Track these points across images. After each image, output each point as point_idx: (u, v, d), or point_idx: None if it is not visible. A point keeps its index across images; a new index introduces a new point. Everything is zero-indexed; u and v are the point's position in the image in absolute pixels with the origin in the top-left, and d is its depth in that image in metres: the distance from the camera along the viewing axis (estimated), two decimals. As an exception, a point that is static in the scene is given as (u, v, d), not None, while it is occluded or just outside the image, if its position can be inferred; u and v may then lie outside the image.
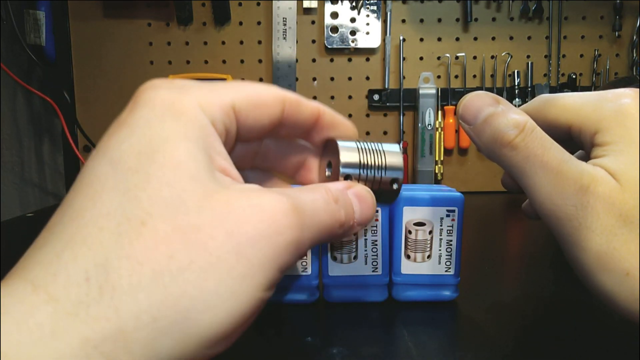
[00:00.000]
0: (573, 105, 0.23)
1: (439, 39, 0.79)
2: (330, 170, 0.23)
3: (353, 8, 0.76)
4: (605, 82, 0.79)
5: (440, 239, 0.30)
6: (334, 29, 0.77)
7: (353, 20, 0.77)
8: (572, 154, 0.22)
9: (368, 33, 0.77)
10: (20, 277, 0.14)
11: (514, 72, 0.78)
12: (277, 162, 0.24)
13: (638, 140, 0.21)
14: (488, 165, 0.80)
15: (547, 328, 0.28)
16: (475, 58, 0.79)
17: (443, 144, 0.78)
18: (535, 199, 0.22)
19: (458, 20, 0.79)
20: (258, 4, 0.77)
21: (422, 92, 0.76)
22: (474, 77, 0.80)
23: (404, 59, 0.79)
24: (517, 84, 0.78)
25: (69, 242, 0.15)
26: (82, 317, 0.14)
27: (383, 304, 0.31)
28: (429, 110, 0.76)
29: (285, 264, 0.17)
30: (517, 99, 0.78)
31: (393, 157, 0.23)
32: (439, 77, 0.79)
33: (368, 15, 0.77)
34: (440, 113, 0.77)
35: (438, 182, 0.79)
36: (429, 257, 0.30)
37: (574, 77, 0.78)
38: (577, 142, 0.24)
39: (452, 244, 0.30)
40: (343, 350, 0.25)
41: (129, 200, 0.15)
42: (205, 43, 0.77)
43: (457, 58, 0.79)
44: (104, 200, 0.15)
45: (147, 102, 0.17)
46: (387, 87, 0.78)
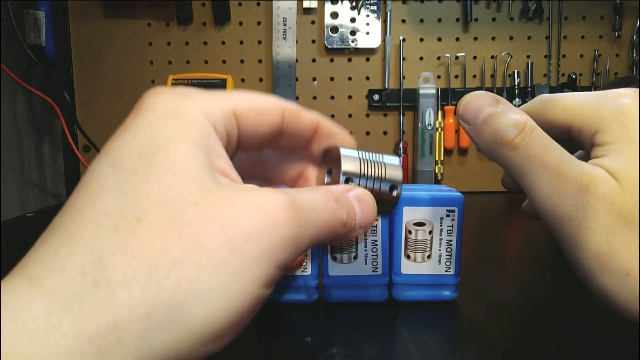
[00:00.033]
0: (573, 105, 0.23)
1: (439, 39, 0.79)
2: (330, 177, 0.24)
3: (353, 8, 0.76)
4: (605, 82, 0.79)
5: (440, 239, 0.30)
6: (334, 29, 0.77)
7: (353, 20, 0.77)
8: (572, 154, 0.22)
9: (368, 33, 0.77)
10: (19, 273, 0.15)
11: (514, 72, 0.78)
12: (276, 171, 0.25)
13: (638, 140, 0.21)
14: (488, 165, 0.80)
15: (547, 328, 0.28)
16: (475, 58, 0.79)
17: (443, 144, 0.78)
18: (535, 199, 0.22)
19: (458, 20, 0.79)
20: (258, 4, 0.77)
21: (422, 92, 0.76)
22: (474, 77, 0.80)
23: (404, 59, 0.79)
24: (517, 84, 0.78)
25: (67, 239, 0.15)
26: (76, 310, 0.14)
27: (383, 304, 0.31)
28: (429, 110, 0.76)
29: (283, 261, 0.17)
30: (517, 99, 0.78)
31: (393, 169, 0.24)
32: (439, 77, 0.79)
33: (368, 15, 0.77)
34: (440, 113, 0.77)
35: (438, 182, 0.79)
36: (429, 257, 0.30)
37: (574, 77, 0.78)
38: (577, 142, 0.24)
39: (452, 244, 0.30)
40: (343, 350, 0.25)
41: (127, 199, 0.16)
42: (205, 43, 0.77)
43: (457, 58, 0.79)
44: (104, 199, 0.16)
45: (150, 106, 0.18)
46: (387, 87, 0.78)
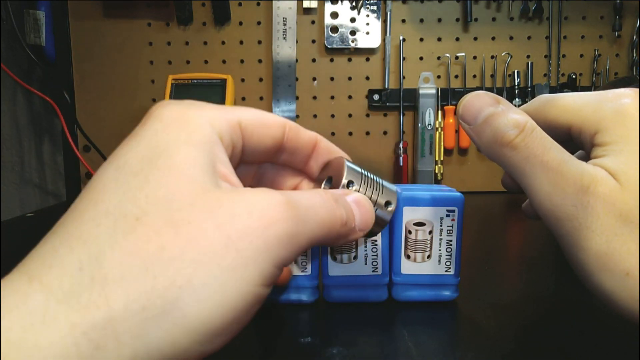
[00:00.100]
0: (573, 106, 0.23)
1: (439, 39, 0.79)
2: (329, 185, 0.24)
3: (353, 8, 0.76)
4: (605, 82, 0.79)
5: (440, 239, 0.30)
6: (334, 29, 0.77)
7: (353, 20, 0.77)
8: (572, 154, 0.22)
9: (368, 33, 0.77)
10: (19, 271, 0.15)
11: (514, 72, 0.78)
12: (272, 185, 0.25)
13: (638, 140, 0.21)
14: (488, 165, 0.80)
15: (547, 328, 0.28)
16: (475, 58, 0.79)
17: (443, 144, 0.78)
18: (535, 199, 0.22)
19: (458, 20, 0.79)
20: (258, 4, 0.77)
21: (422, 92, 0.76)
22: (474, 77, 0.80)
23: (404, 59, 0.79)
24: (517, 84, 0.78)
25: (67, 238, 0.16)
26: (72, 304, 0.14)
27: (383, 304, 0.31)
28: (429, 110, 0.76)
29: (280, 258, 0.17)
30: (517, 99, 0.78)
31: (390, 187, 0.25)
32: (439, 77, 0.79)
33: (368, 15, 0.77)
34: (440, 113, 0.77)
35: (438, 182, 0.79)
36: (429, 257, 0.30)
37: (574, 77, 0.78)
38: (577, 142, 0.24)
39: (452, 244, 0.30)
40: (343, 350, 0.25)
41: (127, 200, 0.16)
42: (205, 43, 0.77)
43: (457, 58, 0.79)
44: (105, 201, 0.16)
45: (157, 116, 0.18)
46: (387, 87, 0.78)
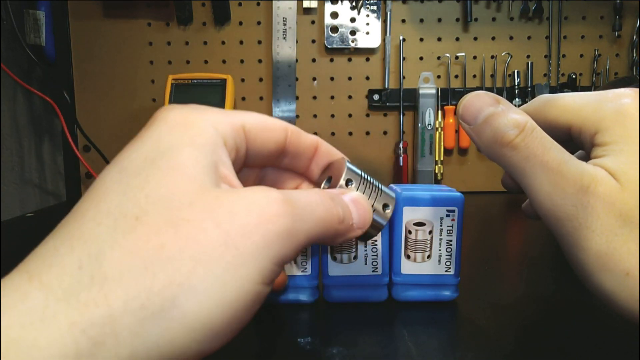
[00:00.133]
0: (573, 106, 0.23)
1: (439, 39, 0.79)
2: (328, 184, 0.24)
3: (353, 8, 0.76)
4: (605, 82, 0.79)
5: (440, 239, 0.30)
6: (334, 29, 0.77)
7: (353, 20, 0.77)
8: (572, 154, 0.22)
9: (368, 33, 0.77)
10: (20, 270, 0.15)
11: (514, 72, 0.78)
12: (273, 187, 0.25)
13: (638, 140, 0.21)
14: (488, 165, 0.80)
15: (547, 328, 0.28)
16: (475, 58, 0.79)
17: (443, 144, 0.78)
18: (535, 199, 0.22)
19: (458, 20, 0.79)
20: (258, 4, 0.77)
21: (422, 92, 0.76)
22: (474, 77, 0.80)
23: (404, 59, 0.79)
24: (517, 84, 0.78)
25: (68, 237, 0.16)
26: (72, 302, 0.14)
27: (383, 304, 0.31)
28: (429, 110, 0.76)
29: (279, 255, 0.17)
30: (517, 99, 0.78)
31: (389, 191, 0.25)
32: (439, 77, 0.79)
33: (368, 15, 0.77)
34: (440, 113, 0.77)
35: (438, 182, 0.79)
36: (429, 257, 0.30)
37: (574, 77, 0.78)
38: (577, 142, 0.24)
39: (452, 244, 0.30)
40: (343, 350, 0.25)
41: (128, 200, 0.16)
42: (205, 43, 0.77)
43: (457, 58, 0.79)
44: (106, 201, 0.16)
45: (162, 119, 0.19)
46: (387, 87, 0.78)
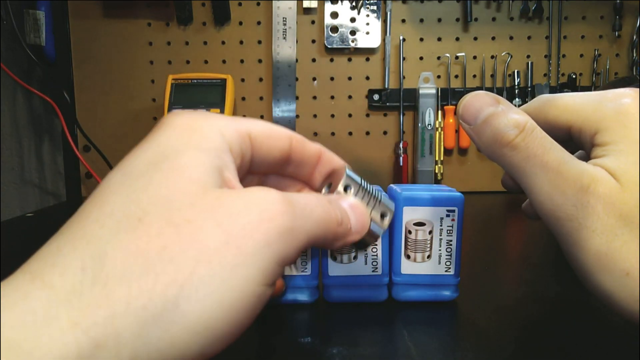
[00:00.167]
0: (573, 106, 0.23)
1: (439, 39, 0.79)
2: (328, 190, 0.24)
3: (353, 8, 0.76)
4: (605, 82, 0.79)
5: (440, 239, 0.30)
6: (334, 29, 0.77)
7: (353, 20, 0.77)
8: (572, 154, 0.22)
9: (368, 33, 0.77)
10: (22, 270, 0.15)
11: (514, 72, 0.78)
12: None
13: (638, 140, 0.21)
14: (488, 165, 0.80)
15: (547, 328, 0.28)
16: (475, 58, 0.79)
17: (443, 144, 0.78)
18: (535, 199, 0.22)
19: (458, 20, 0.79)
20: (258, 4, 0.77)
21: (422, 92, 0.76)
22: (474, 77, 0.80)
23: (404, 59, 0.79)
24: (517, 84, 0.78)
25: (71, 238, 0.16)
26: (74, 303, 0.14)
27: (383, 304, 0.31)
28: (429, 110, 0.76)
29: (281, 255, 0.17)
30: (517, 99, 0.78)
31: (388, 200, 0.25)
32: (439, 77, 0.79)
33: (368, 15, 0.77)
34: (440, 113, 0.77)
35: (438, 182, 0.79)
36: (429, 257, 0.30)
37: (574, 77, 0.78)
38: (577, 142, 0.24)
39: (452, 244, 0.30)
40: (343, 350, 0.25)
41: (131, 201, 0.16)
42: (205, 43, 0.77)
43: (457, 58, 0.79)
44: (109, 202, 0.16)
45: (169, 124, 0.19)
46: (387, 87, 0.78)
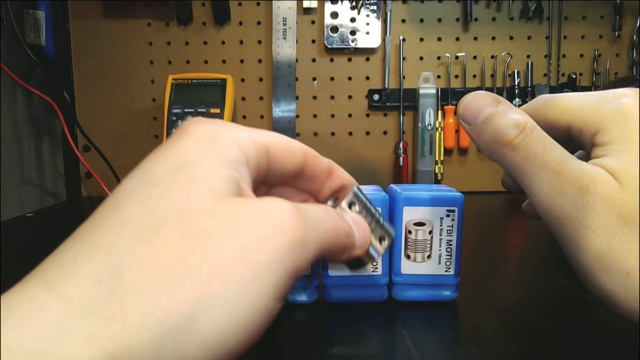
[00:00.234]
0: (573, 106, 0.23)
1: (439, 39, 0.79)
2: (333, 203, 0.25)
3: (353, 8, 0.76)
4: (605, 82, 0.79)
5: (440, 239, 0.30)
6: (334, 29, 0.77)
7: (353, 20, 0.77)
8: (572, 154, 0.22)
9: (368, 33, 0.77)
10: (36, 277, 0.15)
11: (514, 72, 0.78)
12: None
13: (638, 140, 0.21)
14: (488, 165, 0.80)
15: (547, 328, 0.28)
16: (475, 58, 0.79)
17: (443, 144, 0.78)
18: (535, 199, 0.22)
19: (458, 20, 0.79)
20: (258, 4, 0.77)
21: (422, 92, 0.76)
22: (474, 77, 0.80)
23: (404, 59, 0.79)
24: (517, 84, 0.78)
25: (88, 247, 0.15)
26: (90, 316, 0.14)
27: (383, 304, 0.31)
28: (429, 110, 0.76)
29: (293, 267, 0.17)
30: (517, 99, 0.78)
31: (390, 225, 0.25)
32: (439, 77, 0.79)
33: (368, 15, 0.77)
34: (440, 113, 0.77)
35: (438, 182, 0.79)
36: (429, 257, 0.30)
37: (574, 77, 0.78)
38: (577, 142, 0.24)
39: (452, 244, 0.30)
40: (343, 350, 0.25)
41: (148, 210, 0.16)
42: (205, 43, 0.77)
43: (457, 58, 0.79)
44: (126, 210, 0.16)
45: (189, 132, 0.19)
46: (387, 87, 0.78)
